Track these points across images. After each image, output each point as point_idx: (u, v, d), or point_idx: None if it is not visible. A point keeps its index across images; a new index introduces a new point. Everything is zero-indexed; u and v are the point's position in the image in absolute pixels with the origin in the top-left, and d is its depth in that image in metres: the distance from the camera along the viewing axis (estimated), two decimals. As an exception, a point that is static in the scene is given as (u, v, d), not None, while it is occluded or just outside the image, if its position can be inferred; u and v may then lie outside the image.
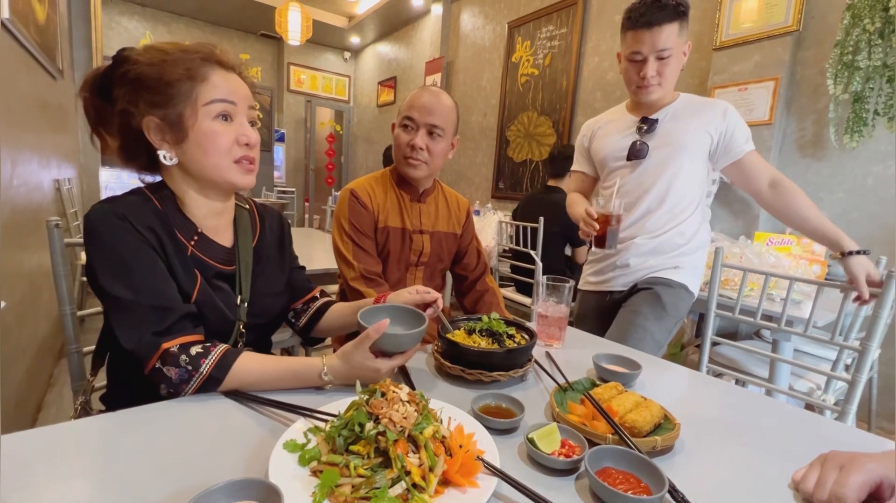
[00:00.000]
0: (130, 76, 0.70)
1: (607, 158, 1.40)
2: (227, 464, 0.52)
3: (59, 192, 2.53)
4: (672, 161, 1.30)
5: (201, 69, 0.71)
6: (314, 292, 0.98)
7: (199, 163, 0.73)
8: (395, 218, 1.21)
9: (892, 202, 2.06)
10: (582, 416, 0.64)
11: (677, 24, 1.18)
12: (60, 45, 2.69)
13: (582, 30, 3.53)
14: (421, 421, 0.50)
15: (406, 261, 1.24)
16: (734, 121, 1.28)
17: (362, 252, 1.17)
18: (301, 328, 0.96)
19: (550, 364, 0.86)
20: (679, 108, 1.32)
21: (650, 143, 1.31)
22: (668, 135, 1.30)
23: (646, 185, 1.34)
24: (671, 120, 1.31)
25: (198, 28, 6.34)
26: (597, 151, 1.45)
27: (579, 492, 0.51)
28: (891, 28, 1.98)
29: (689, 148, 1.29)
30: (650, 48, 1.20)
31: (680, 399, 0.78)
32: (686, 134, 1.29)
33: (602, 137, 1.43)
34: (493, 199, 4.49)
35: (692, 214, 1.35)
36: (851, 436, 0.70)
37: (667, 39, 1.18)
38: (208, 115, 0.72)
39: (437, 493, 0.46)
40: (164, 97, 0.70)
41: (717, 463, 0.60)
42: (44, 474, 0.49)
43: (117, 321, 0.66)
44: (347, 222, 1.17)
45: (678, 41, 1.20)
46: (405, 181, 1.24)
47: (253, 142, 0.76)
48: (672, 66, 1.23)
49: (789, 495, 0.53)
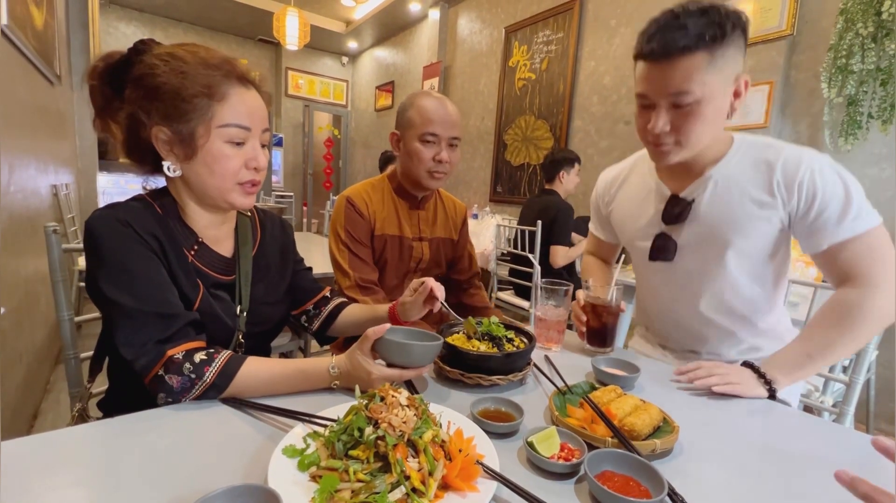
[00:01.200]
0: (146, 83, 0.68)
1: (631, 245, 1.04)
2: (227, 470, 0.52)
3: (56, 197, 2.52)
4: (715, 262, 0.89)
5: (221, 87, 0.69)
6: (323, 292, 0.98)
7: (202, 181, 0.72)
8: (393, 226, 1.21)
9: (887, 205, 2.08)
10: (581, 420, 0.64)
11: (706, 55, 0.75)
12: (58, 51, 2.69)
13: (578, 34, 3.55)
14: (420, 425, 0.50)
15: (405, 268, 1.24)
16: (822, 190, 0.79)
17: (358, 260, 1.17)
18: (315, 331, 0.97)
19: (549, 367, 0.87)
20: (727, 174, 0.86)
21: (681, 236, 0.91)
22: (705, 223, 0.88)
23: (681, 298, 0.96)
24: (712, 198, 0.87)
25: (196, 33, 6.35)
26: (618, 225, 1.08)
27: (579, 496, 0.51)
28: (883, 32, 2.00)
29: (736, 244, 0.86)
30: (659, 90, 0.79)
31: (679, 402, 0.78)
32: (733, 223, 0.85)
33: (621, 207, 1.05)
34: (491, 202, 4.50)
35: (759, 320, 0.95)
36: (850, 437, 0.70)
37: (686, 78, 0.76)
38: (220, 138, 0.70)
39: (436, 498, 0.46)
40: (179, 112, 0.68)
41: (717, 465, 0.60)
42: (42, 481, 0.48)
43: (118, 328, 0.65)
44: (343, 230, 1.17)
45: (712, 80, 0.76)
46: (404, 189, 1.23)
47: (262, 166, 0.74)
48: (701, 118, 0.78)
49: (788, 497, 0.53)
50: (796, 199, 0.81)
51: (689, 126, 0.79)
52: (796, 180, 0.81)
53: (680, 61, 0.76)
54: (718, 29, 0.74)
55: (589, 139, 3.52)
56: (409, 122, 1.15)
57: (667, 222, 0.92)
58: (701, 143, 0.83)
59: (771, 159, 0.84)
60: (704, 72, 0.76)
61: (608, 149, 3.36)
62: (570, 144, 3.66)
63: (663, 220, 0.92)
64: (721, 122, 0.82)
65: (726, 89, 0.79)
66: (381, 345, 0.71)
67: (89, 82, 0.72)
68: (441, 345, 0.74)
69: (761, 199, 0.84)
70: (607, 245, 1.17)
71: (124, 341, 0.65)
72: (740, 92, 0.81)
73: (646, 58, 0.80)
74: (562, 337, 1.00)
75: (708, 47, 0.75)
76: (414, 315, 0.88)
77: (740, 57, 0.79)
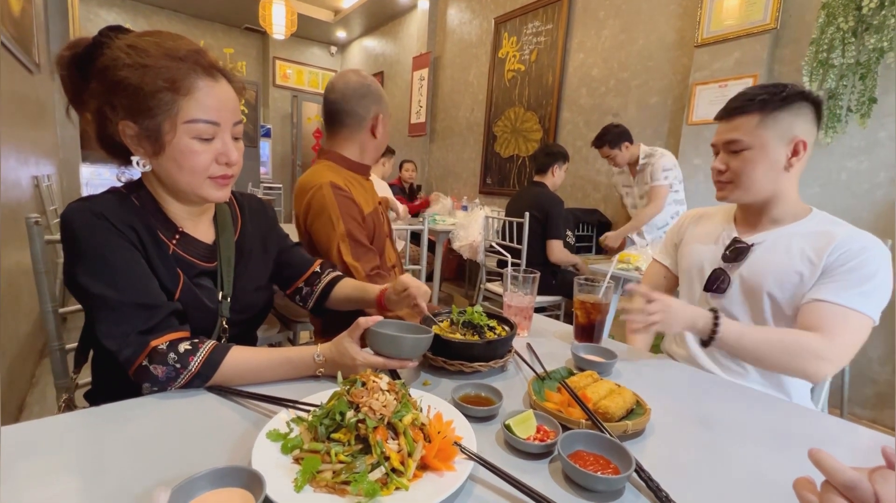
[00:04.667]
0: (109, 77, 0.66)
1: (690, 273, 1.11)
2: (212, 455, 0.53)
3: (38, 188, 2.48)
4: (754, 306, 0.99)
5: (186, 80, 0.66)
6: (313, 267, 0.98)
7: (172, 176, 0.71)
8: (368, 202, 1.22)
9: (864, 196, 2.13)
10: (558, 404, 0.66)
11: (757, 115, 0.93)
12: (37, 39, 2.62)
13: (567, 26, 3.55)
14: (400, 408, 0.52)
15: (383, 237, 1.26)
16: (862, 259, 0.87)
17: (361, 249, 1.12)
18: (311, 308, 0.98)
19: (531, 355, 0.89)
20: (793, 233, 0.97)
21: (735, 275, 1.01)
22: (755, 268, 0.98)
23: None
24: (770, 249, 0.97)
25: (180, 21, 6.22)
26: (683, 253, 1.15)
27: (552, 475, 0.53)
28: (863, 27, 2.04)
29: (774, 292, 0.95)
30: (719, 138, 0.99)
31: (654, 386, 0.81)
32: (776, 273, 0.95)
33: (693, 237, 1.13)
34: (480, 194, 4.52)
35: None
36: (820, 420, 0.74)
37: (736, 129, 0.95)
38: (187, 133, 0.68)
39: (415, 477, 0.48)
40: (143, 107, 0.65)
41: (686, 445, 0.62)
42: (30, 467, 0.49)
43: (100, 320, 0.65)
44: (340, 220, 1.09)
45: (763, 134, 0.93)
46: (356, 163, 1.24)
47: (233, 161, 0.73)
48: (750, 163, 0.94)
49: (749, 476, 0.56)
50: (836, 255, 0.89)
51: (739, 167, 0.96)
52: (847, 245, 0.89)
53: (735, 118, 0.96)
54: (772, 97, 0.92)
55: (577, 131, 3.54)
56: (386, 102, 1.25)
57: (725, 260, 1.02)
58: (754, 185, 0.96)
59: (835, 231, 0.93)
60: (755, 126, 0.93)
61: (596, 141, 3.39)
62: (558, 136, 3.68)
63: (723, 258, 1.03)
64: (775, 172, 0.95)
65: (779, 144, 0.93)
66: (371, 337, 0.72)
67: (59, 72, 0.71)
68: (431, 339, 0.76)
69: (811, 257, 0.92)
70: (667, 277, 1.23)
71: (107, 333, 0.65)
72: (798, 151, 0.93)
73: (717, 119, 1.02)
74: (529, 323, 1.04)
75: (759, 109, 0.93)
76: (399, 310, 0.89)
77: (800, 123, 0.93)
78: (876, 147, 2.09)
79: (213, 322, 0.78)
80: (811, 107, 0.94)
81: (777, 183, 0.96)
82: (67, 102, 0.73)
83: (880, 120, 2.06)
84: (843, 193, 2.20)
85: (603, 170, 3.35)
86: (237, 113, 0.74)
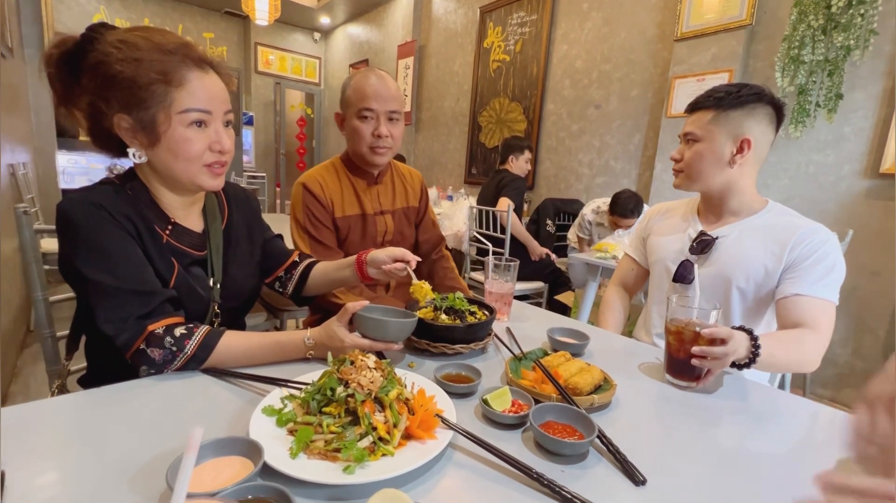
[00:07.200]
0: (101, 72, 0.68)
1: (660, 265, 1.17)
2: (210, 430, 0.57)
3: (14, 177, 2.43)
4: (721, 295, 1.04)
5: (178, 72, 0.69)
6: (293, 257, 1.02)
7: (168, 166, 0.73)
8: (353, 205, 1.23)
9: (830, 188, 2.24)
10: (532, 381, 0.72)
11: (714, 111, 1.00)
12: (8, 22, 2.54)
13: (552, 17, 3.58)
14: (386, 384, 0.57)
15: (372, 243, 1.28)
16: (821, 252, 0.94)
17: (320, 246, 1.18)
18: (290, 294, 1.01)
19: (510, 338, 0.94)
20: (754, 226, 1.03)
21: (701, 266, 1.05)
22: (720, 259, 1.04)
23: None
24: (734, 241, 1.03)
25: (157, 4, 6.03)
26: (651, 247, 1.22)
27: (525, 443, 0.59)
28: (832, 24, 2.12)
29: (739, 282, 1.01)
30: (683, 130, 1.08)
31: (622, 365, 0.87)
32: (741, 264, 1.01)
33: (660, 231, 1.20)
34: (465, 184, 4.55)
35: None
36: (781, 399, 0.81)
37: (694, 122, 1.04)
38: (182, 123, 0.70)
39: (400, 445, 0.53)
40: (137, 100, 0.68)
41: (648, 418, 0.69)
42: (28, 447, 0.52)
43: (99, 306, 0.68)
44: (303, 216, 1.18)
45: (712, 129, 1.00)
46: (358, 167, 1.25)
47: (226, 148, 0.76)
48: (698, 155, 1.02)
49: (702, 445, 0.63)
50: (799, 250, 0.96)
51: (690, 158, 1.05)
52: (808, 238, 0.96)
53: (695, 112, 1.05)
54: (728, 96, 0.99)
55: (561, 122, 3.59)
56: (348, 101, 1.18)
57: (692, 251, 1.08)
58: (700, 176, 1.04)
59: (794, 224, 1.00)
60: (708, 122, 1.01)
61: (579, 132, 3.45)
62: (542, 127, 3.73)
63: (690, 250, 1.09)
64: (720, 166, 1.02)
65: (726, 141, 1.00)
66: (358, 321, 0.77)
67: (46, 70, 0.72)
68: (415, 323, 0.80)
69: (773, 250, 0.99)
70: (636, 271, 1.30)
71: (105, 319, 0.68)
72: (742, 149, 1.00)
73: (685, 112, 1.09)
74: (509, 308, 1.09)
75: (715, 106, 1.00)
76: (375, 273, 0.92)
77: (751, 123, 0.99)
78: (841, 141, 2.19)
79: (206, 308, 0.82)
80: (768, 108, 0.99)
81: (724, 176, 1.03)
82: (55, 101, 0.74)
83: (846, 115, 2.16)
84: (810, 185, 2.31)
85: (585, 161, 3.42)
86: (227, 102, 0.77)
